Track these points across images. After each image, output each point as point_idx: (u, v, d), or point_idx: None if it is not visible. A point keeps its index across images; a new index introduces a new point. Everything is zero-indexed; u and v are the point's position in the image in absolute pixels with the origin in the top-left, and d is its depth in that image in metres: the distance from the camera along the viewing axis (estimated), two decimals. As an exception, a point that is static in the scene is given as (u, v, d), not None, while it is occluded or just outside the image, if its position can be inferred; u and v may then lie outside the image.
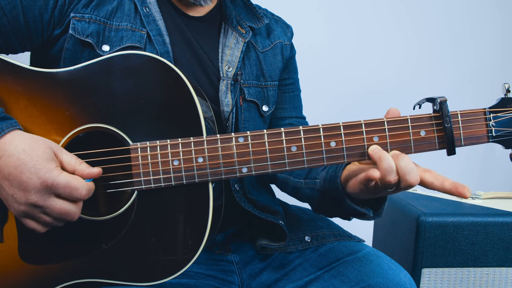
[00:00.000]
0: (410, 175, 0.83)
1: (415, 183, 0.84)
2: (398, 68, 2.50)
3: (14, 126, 0.84)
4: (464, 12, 2.54)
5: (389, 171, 0.84)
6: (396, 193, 0.90)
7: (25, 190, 0.80)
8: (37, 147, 0.82)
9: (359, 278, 1.01)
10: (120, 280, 0.91)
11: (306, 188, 1.14)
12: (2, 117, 0.84)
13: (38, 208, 0.82)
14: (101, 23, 1.04)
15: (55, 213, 0.83)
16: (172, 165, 0.90)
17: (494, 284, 1.60)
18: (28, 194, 0.80)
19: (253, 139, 0.90)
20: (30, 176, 0.80)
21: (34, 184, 0.80)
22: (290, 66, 1.33)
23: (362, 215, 1.00)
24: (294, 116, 1.32)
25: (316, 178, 1.09)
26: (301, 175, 1.17)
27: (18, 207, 0.82)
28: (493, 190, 2.01)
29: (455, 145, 0.89)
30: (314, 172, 1.13)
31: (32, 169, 0.80)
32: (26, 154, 0.81)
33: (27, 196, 0.80)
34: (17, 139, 0.83)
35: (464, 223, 1.57)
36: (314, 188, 1.10)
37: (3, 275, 0.91)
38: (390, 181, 0.84)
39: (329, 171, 1.04)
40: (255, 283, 1.12)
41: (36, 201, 0.81)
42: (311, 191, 1.12)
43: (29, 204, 0.81)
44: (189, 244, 0.91)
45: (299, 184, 1.16)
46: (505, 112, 0.90)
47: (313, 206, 1.17)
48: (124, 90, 0.92)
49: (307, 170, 1.16)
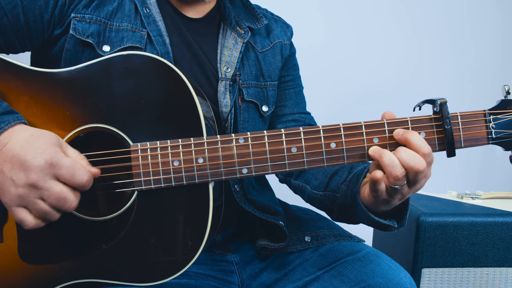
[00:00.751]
0: (414, 161, 0.84)
1: (422, 167, 0.84)
2: (398, 68, 2.50)
3: (20, 119, 0.84)
4: (464, 12, 2.54)
5: (393, 165, 0.84)
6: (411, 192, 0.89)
7: (27, 169, 0.78)
8: (44, 133, 0.83)
9: (359, 278, 1.01)
10: (120, 281, 0.91)
11: (325, 200, 1.14)
12: (8, 111, 0.84)
13: (36, 190, 0.79)
14: (101, 23, 1.04)
15: (53, 196, 0.80)
16: (172, 165, 0.90)
17: (494, 284, 1.60)
18: (29, 172, 0.78)
19: (254, 140, 0.90)
20: (35, 155, 0.79)
21: (38, 162, 0.78)
22: (289, 64, 1.32)
23: (385, 227, 1.00)
24: (297, 112, 1.31)
25: (336, 192, 1.10)
26: (319, 188, 1.17)
27: (14, 190, 0.79)
28: (493, 190, 2.02)
29: (455, 147, 0.89)
30: (334, 185, 1.13)
31: (38, 149, 0.79)
32: (33, 137, 0.81)
33: (28, 175, 0.78)
34: (24, 129, 0.83)
35: (464, 223, 1.58)
36: (334, 201, 1.11)
37: (3, 275, 0.91)
38: (397, 175, 0.84)
39: (350, 185, 1.04)
40: (255, 283, 1.12)
41: (36, 181, 0.78)
42: (331, 204, 1.13)
43: (28, 185, 0.78)
44: (189, 245, 0.91)
45: (318, 196, 1.16)
46: (505, 114, 0.90)
47: (333, 216, 1.17)
48: (124, 90, 0.92)
49: (325, 182, 1.16)
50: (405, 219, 0.99)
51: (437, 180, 1.63)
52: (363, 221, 1.02)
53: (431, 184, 1.90)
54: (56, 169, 0.80)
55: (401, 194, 0.89)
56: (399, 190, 0.87)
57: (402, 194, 0.89)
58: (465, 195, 1.84)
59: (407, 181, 0.86)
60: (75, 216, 0.90)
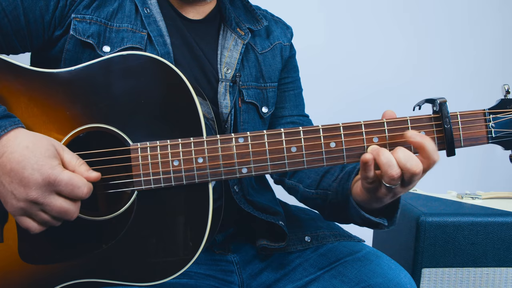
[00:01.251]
0: (411, 163, 0.84)
1: (418, 170, 0.84)
2: (398, 68, 2.50)
3: (17, 124, 0.84)
4: (464, 12, 2.54)
5: (389, 164, 0.84)
6: (403, 191, 0.89)
7: (26, 186, 0.80)
8: (40, 144, 0.82)
9: (359, 278, 1.01)
10: (120, 280, 0.91)
11: (318, 198, 1.14)
12: (5, 115, 0.84)
13: (37, 205, 0.81)
14: (102, 24, 1.04)
15: (54, 211, 0.82)
16: (172, 165, 0.90)
17: (494, 284, 1.60)
18: (29, 190, 0.80)
19: (253, 139, 0.90)
20: (33, 172, 0.80)
21: (36, 180, 0.80)
22: (289, 65, 1.33)
23: (375, 225, 0.99)
24: (296, 114, 1.32)
25: (328, 190, 1.10)
26: (312, 186, 1.17)
27: (16, 203, 0.81)
28: (493, 190, 2.01)
29: (455, 146, 0.89)
30: (325, 183, 1.12)
31: (34, 165, 0.80)
32: (29, 150, 0.81)
33: (28, 192, 0.80)
34: (20, 136, 0.83)
35: (464, 223, 1.58)
36: (326, 199, 1.10)
37: (3, 275, 0.91)
38: (393, 175, 0.84)
39: (341, 182, 1.04)
40: (255, 283, 1.12)
41: (36, 198, 0.80)
42: (322, 202, 1.13)
43: (29, 201, 0.81)
44: (188, 245, 0.91)
45: (310, 195, 1.16)
46: (504, 113, 0.90)
47: (325, 215, 1.17)
48: (124, 90, 0.92)
49: (317, 180, 1.16)
50: (395, 218, 0.99)
51: (437, 180, 1.63)
52: (354, 218, 1.01)
53: (431, 184, 1.91)
54: (55, 186, 0.81)
55: (393, 192, 0.89)
56: (392, 189, 0.87)
57: (394, 193, 0.89)
58: (465, 195, 1.84)
59: (401, 181, 0.86)
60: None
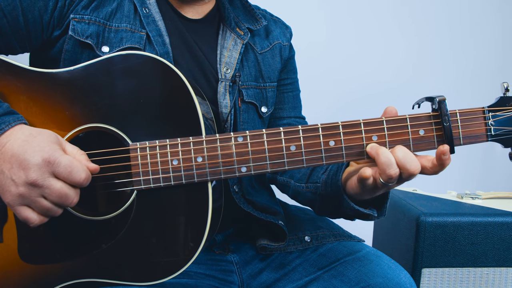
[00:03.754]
0: (411, 164, 0.84)
1: (416, 171, 0.84)
2: (398, 67, 2.50)
3: (21, 120, 0.85)
4: (464, 12, 2.54)
5: (388, 164, 0.83)
6: (397, 186, 0.89)
7: (26, 168, 0.79)
8: (43, 132, 0.83)
9: (359, 278, 1.01)
10: (120, 280, 0.91)
11: (308, 192, 1.14)
12: (9, 111, 0.85)
13: (37, 189, 0.80)
14: (100, 24, 1.04)
15: (54, 194, 0.81)
16: (171, 164, 0.90)
17: (494, 284, 1.60)
18: (28, 171, 0.79)
19: (252, 138, 0.90)
20: (33, 154, 0.79)
21: (36, 161, 0.79)
22: (289, 66, 1.33)
23: (366, 216, 0.99)
24: (293, 116, 1.32)
25: (317, 182, 1.09)
26: (302, 180, 1.17)
27: (15, 190, 0.80)
28: (493, 190, 2.01)
29: (454, 144, 0.89)
30: (315, 176, 1.12)
31: (36, 147, 0.80)
32: (33, 136, 0.82)
33: (27, 174, 0.79)
34: (24, 127, 0.84)
35: (464, 223, 1.57)
36: (316, 192, 1.10)
37: (3, 275, 0.91)
38: (391, 175, 0.84)
39: (330, 174, 1.04)
40: (255, 283, 1.12)
41: (36, 179, 0.79)
42: (312, 195, 1.12)
43: (28, 184, 0.79)
44: (188, 244, 0.91)
45: (300, 189, 1.16)
46: (504, 111, 0.90)
47: (315, 209, 1.17)
48: (123, 90, 0.92)
49: (307, 174, 1.16)
50: (385, 208, 0.99)
51: (437, 180, 1.63)
52: (345, 210, 1.00)
53: (431, 184, 1.91)
54: (54, 166, 0.80)
55: (387, 187, 0.89)
56: (388, 186, 0.87)
57: (388, 187, 0.89)
58: (465, 195, 1.84)
59: (398, 179, 0.86)
60: (75, 216, 0.90)
